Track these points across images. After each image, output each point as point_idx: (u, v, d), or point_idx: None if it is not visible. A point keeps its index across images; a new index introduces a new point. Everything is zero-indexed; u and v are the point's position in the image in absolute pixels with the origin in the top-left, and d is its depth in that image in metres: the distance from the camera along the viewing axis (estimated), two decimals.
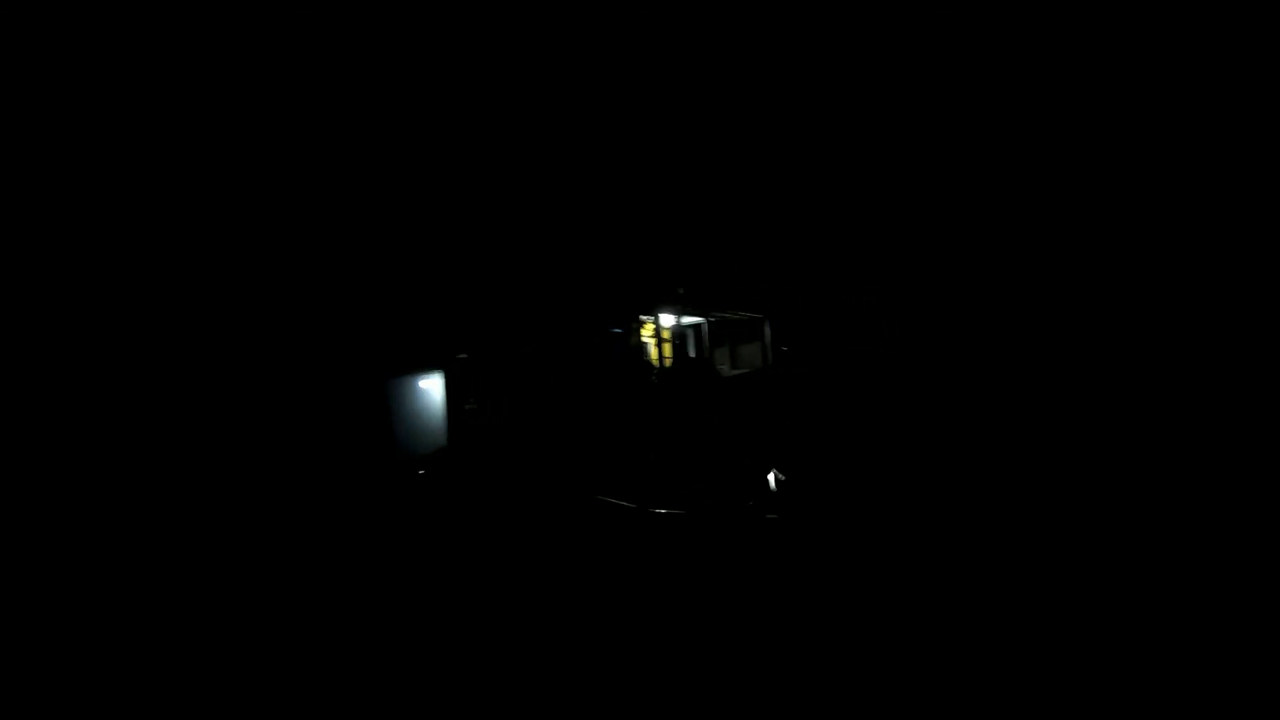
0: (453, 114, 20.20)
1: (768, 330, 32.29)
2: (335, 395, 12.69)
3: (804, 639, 3.70)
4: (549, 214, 23.96)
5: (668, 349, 31.07)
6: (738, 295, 27.58)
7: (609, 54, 23.27)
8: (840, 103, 23.81)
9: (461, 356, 13.85)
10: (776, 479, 6.57)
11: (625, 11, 20.72)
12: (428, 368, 12.58)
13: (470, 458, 12.46)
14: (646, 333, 26.35)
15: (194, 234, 11.77)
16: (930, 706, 3.01)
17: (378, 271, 13.93)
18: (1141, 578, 4.05)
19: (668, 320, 28.07)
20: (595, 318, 23.77)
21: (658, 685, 3.25)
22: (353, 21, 14.93)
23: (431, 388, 12.79)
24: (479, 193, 20.52)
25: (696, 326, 32.61)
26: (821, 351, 32.18)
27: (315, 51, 14.26)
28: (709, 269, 27.02)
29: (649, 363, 25.02)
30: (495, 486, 9.81)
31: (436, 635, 3.90)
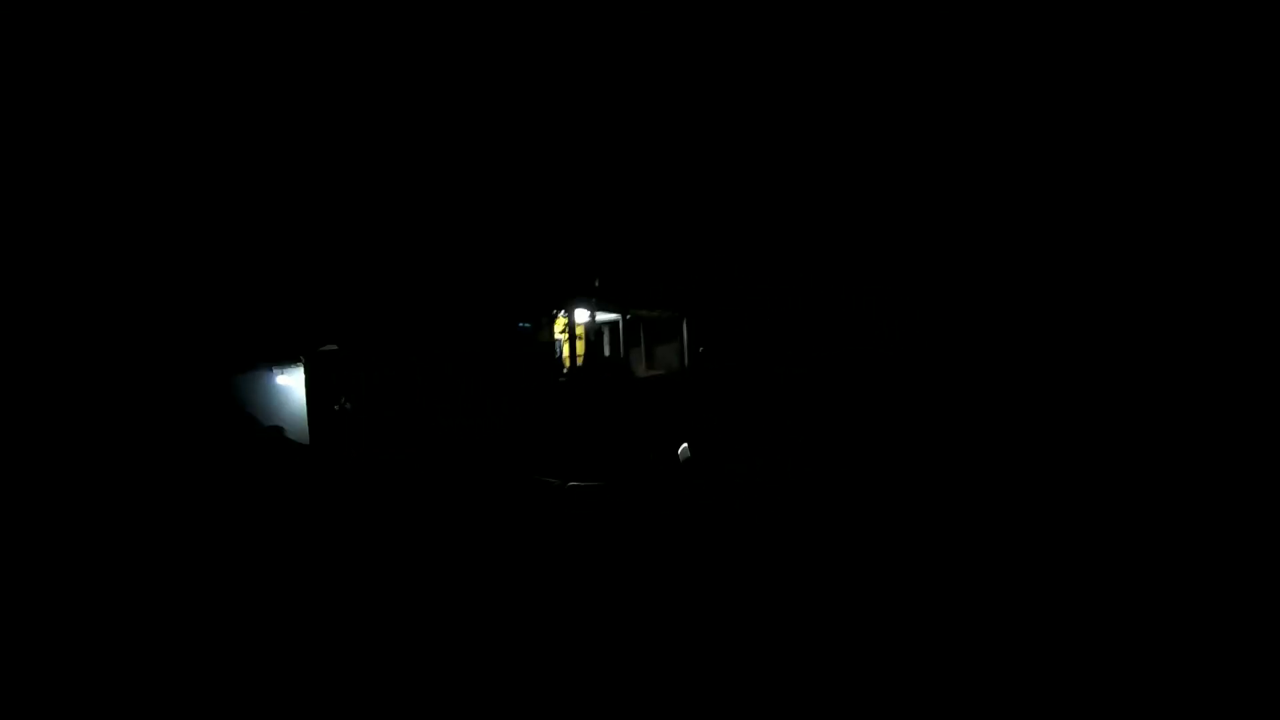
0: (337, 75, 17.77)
1: (685, 330, 31.24)
2: (171, 392, 10.41)
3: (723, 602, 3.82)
4: (454, 197, 21.68)
5: (581, 346, 29.40)
6: (656, 291, 26.21)
7: (526, 35, 21.33)
8: (765, 94, 22.78)
9: (329, 349, 11.64)
10: (683, 455, 6.61)
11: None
12: (285, 361, 10.35)
13: (339, 463, 10.57)
14: (559, 328, 24.55)
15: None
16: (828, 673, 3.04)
17: (224, 252, 11.65)
18: (1116, 567, 3.98)
19: (582, 316, 26.39)
20: (501, 310, 21.76)
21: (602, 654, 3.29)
22: None
23: (291, 384, 10.62)
24: (361, 166, 18.16)
25: (612, 324, 31.10)
26: (738, 354, 31.47)
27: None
28: (626, 263, 25.51)
29: (559, 361, 23.20)
30: (365, 495, 8.20)
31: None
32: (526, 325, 23.07)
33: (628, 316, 27.03)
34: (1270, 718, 2.80)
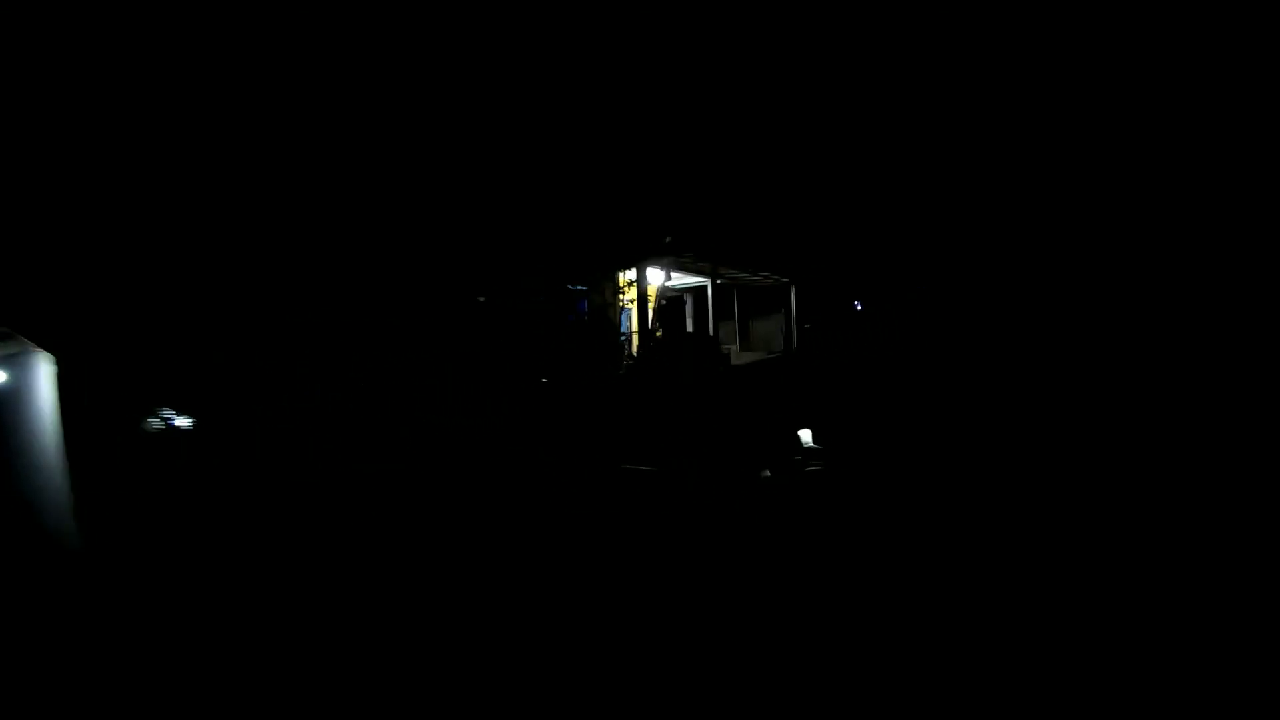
0: None
1: (794, 300, 24.32)
2: None
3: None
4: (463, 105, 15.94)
5: (656, 320, 23.22)
6: (755, 248, 19.47)
7: None
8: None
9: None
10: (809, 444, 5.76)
11: None
12: None
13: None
14: (626, 293, 18.49)
15: None
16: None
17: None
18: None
19: (655, 278, 20.23)
20: (542, 267, 15.90)
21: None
22: None
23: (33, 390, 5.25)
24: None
25: (697, 290, 24.60)
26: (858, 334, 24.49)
27: None
28: (716, 209, 18.99)
29: (621, 340, 17.13)
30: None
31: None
32: (581, 287, 17.19)
33: (718, 281, 20.55)
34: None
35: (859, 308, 29.42)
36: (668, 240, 15.76)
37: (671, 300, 26.60)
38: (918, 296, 23.55)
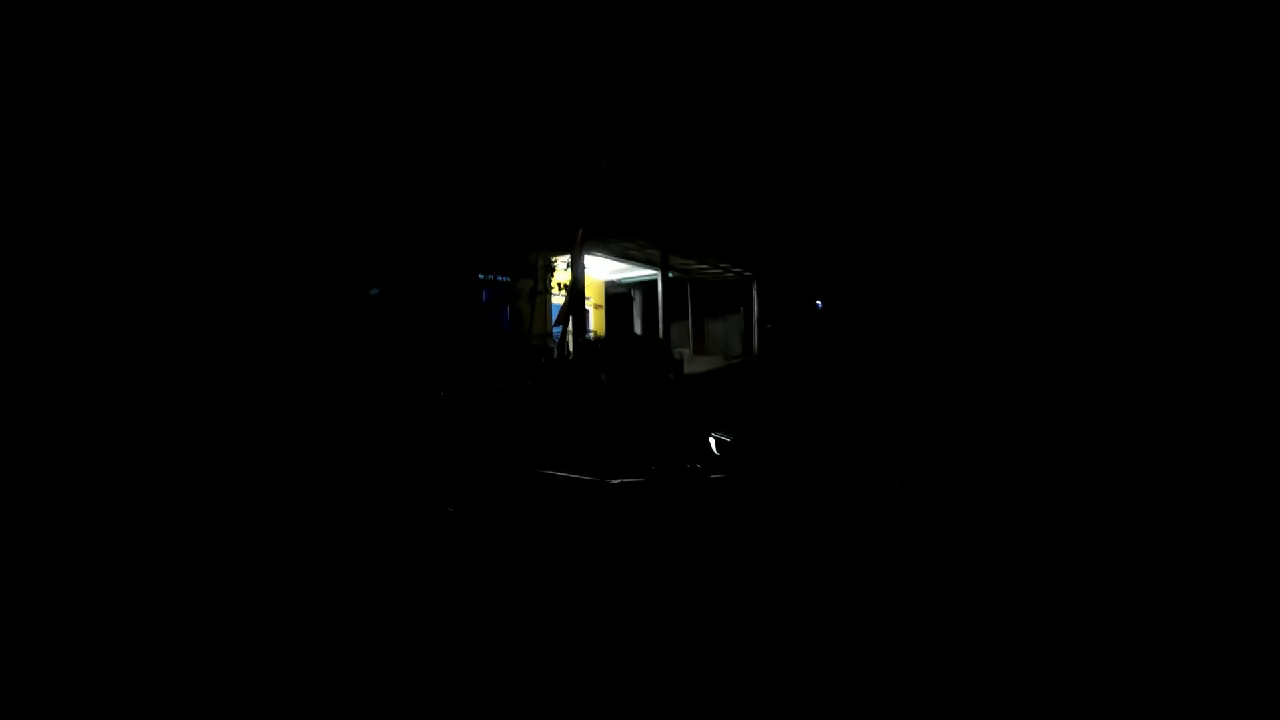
0: None
1: (756, 297, 21.48)
2: None
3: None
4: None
5: (598, 319, 19.97)
6: (715, 235, 16.54)
7: None
8: None
9: None
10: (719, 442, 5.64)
11: None
12: None
13: None
14: (555, 282, 15.24)
15: None
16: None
17: None
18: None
19: (598, 268, 17.01)
20: (451, 251, 12.61)
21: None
22: None
23: None
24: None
25: (646, 286, 21.58)
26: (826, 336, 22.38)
27: None
28: (670, 190, 15.92)
29: (545, 340, 13.92)
30: None
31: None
32: (499, 278, 13.86)
33: (670, 275, 17.48)
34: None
35: (820, 306, 26.90)
36: (603, 164, 12.55)
37: (616, 297, 23.46)
38: (885, 300, 21.25)
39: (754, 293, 21.04)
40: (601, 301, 19.52)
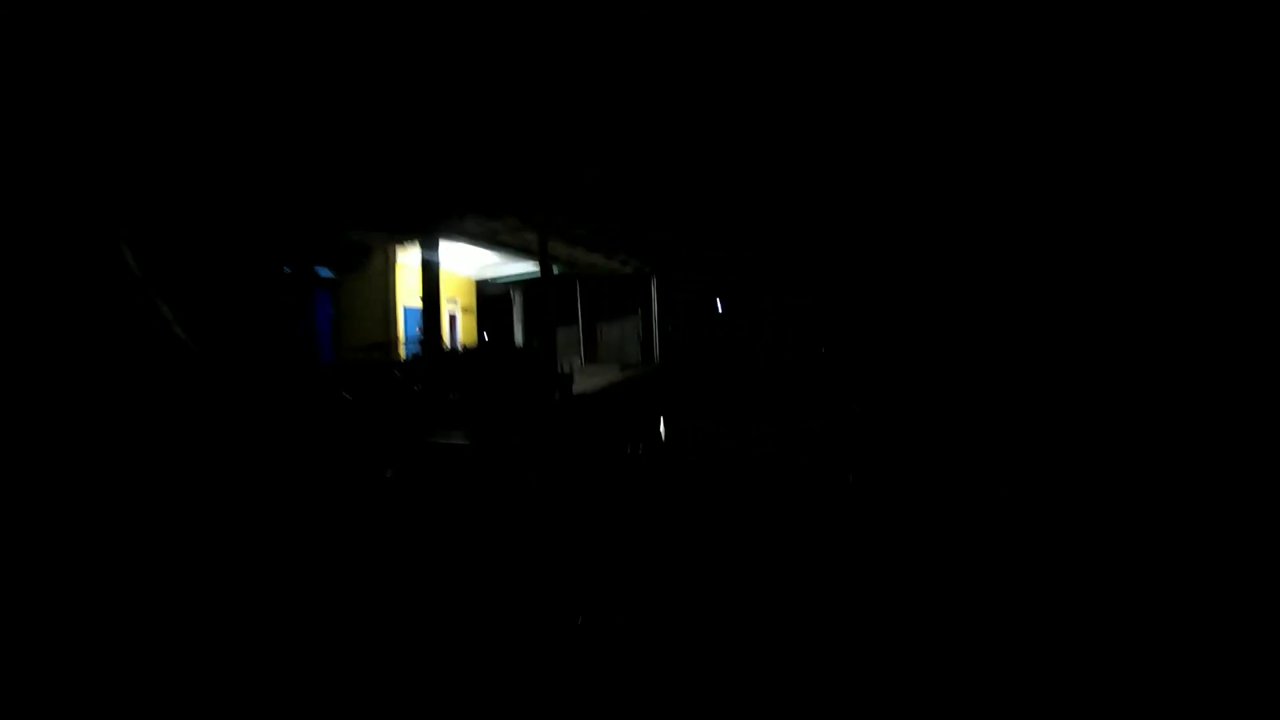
0: None
1: (655, 295, 18.57)
2: None
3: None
4: None
5: (466, 324, 16.18)
6: (606, 213, 13.38)
7: None
8: None
9: None
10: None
11: None
12: None
13: None
14: (395, 281, 11.55)
15: None
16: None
17: None
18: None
19: (459, 258, 13.40)
20: (237, 235, 8.59)
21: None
22: None
23: None
24: None
25: (526, 285, 18.02)
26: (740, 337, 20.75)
27: None
28: (552, 155, 12.64)
29: (391, 359, 10.27)
30: None
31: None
32: (324, 272, 10.03)
33: (554, 270, 14.18)
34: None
35: (720, 307, 24.65)
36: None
37: (492, 299, 19.77)
38: (804, 299, 19.36)
39: (653, 291, 18.16)
40: (472, 304, 15.89)
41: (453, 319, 14.63)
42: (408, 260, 11.92)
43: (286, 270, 9.23)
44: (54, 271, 5.73)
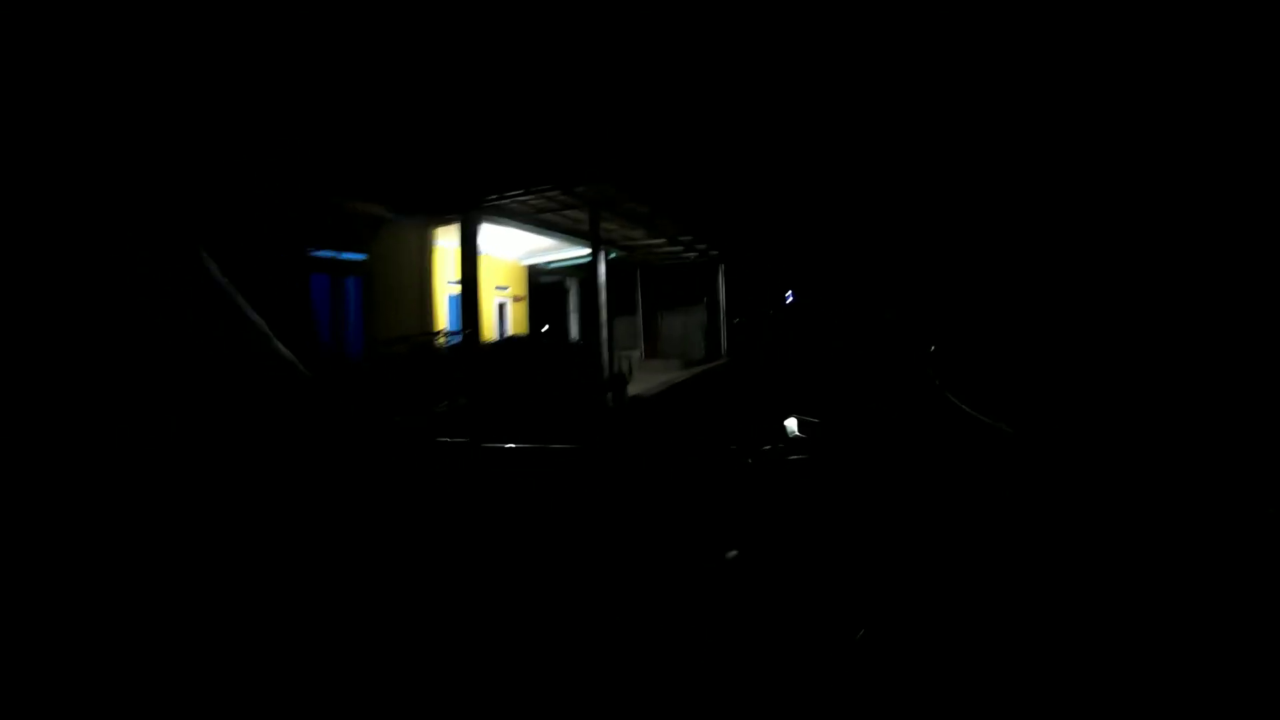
0: None
1: (723, 283, 17.00)
2: None
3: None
4: None
5: (517, 313, 15.07)
6: (666, 190, 11.99)
7: None
8: None
9: None
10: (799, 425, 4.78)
11: None
12: None
13: None
14: (429, 266, 10.54)
15: None
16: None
17: None
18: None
19: (501, 241, 12.29)
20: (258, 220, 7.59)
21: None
22: None
23: None
24: None
25: (584, 272, 16.75)
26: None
27: None
28: (603, 137, 11.33)
29: (436, 354, 9.21)
30: None
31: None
32: (350, 257, 9.11)
33: (611, 255, 12.92)
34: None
35: (790, 300, 22.89)
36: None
37: (547, 287, 18.68)
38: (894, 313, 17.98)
39: (720, 279, 16.61)
40: (524, 292, 14.83)
41: (502, 308, 13.58)
42: (448, 245, 10.90)
43: (311, 254, 8.29)
44: (141, 289, 4.91)
